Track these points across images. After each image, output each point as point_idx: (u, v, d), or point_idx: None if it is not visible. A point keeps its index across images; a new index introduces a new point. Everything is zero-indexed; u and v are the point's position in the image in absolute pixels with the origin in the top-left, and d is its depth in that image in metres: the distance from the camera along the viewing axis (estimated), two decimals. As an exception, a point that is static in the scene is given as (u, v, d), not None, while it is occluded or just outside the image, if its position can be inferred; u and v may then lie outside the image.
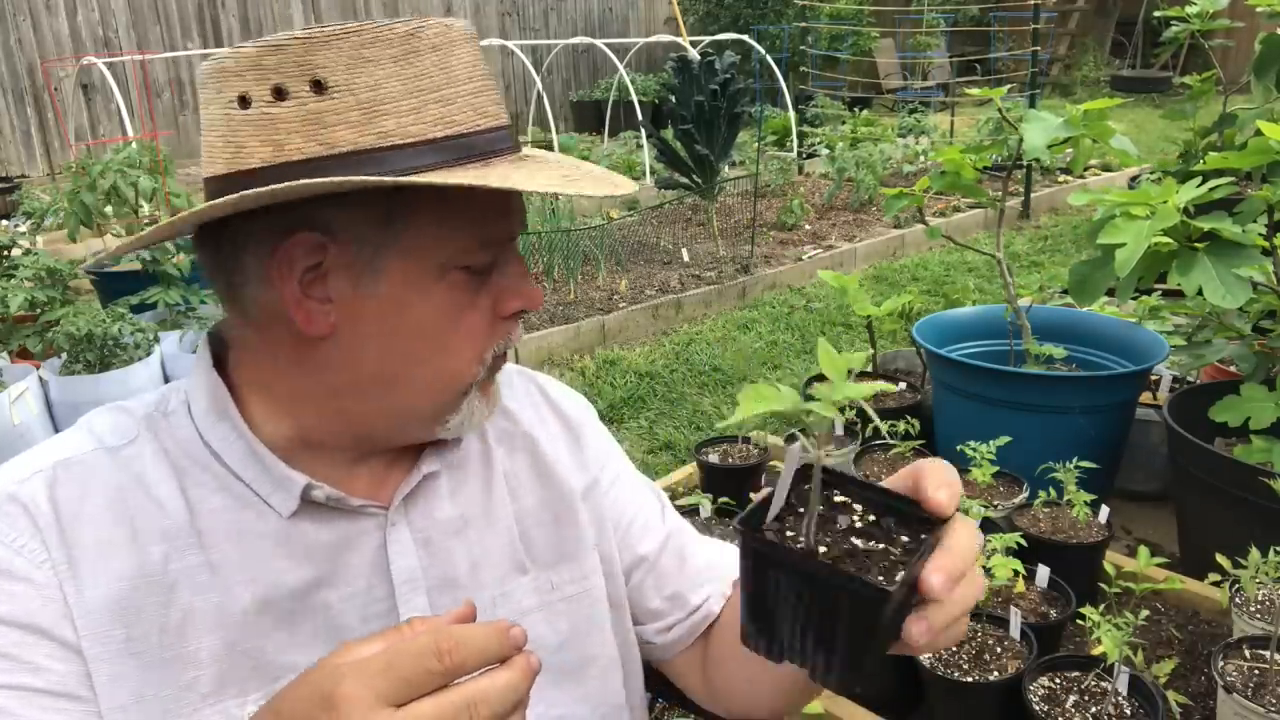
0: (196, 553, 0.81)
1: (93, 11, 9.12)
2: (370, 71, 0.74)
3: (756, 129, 7.80)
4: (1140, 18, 11.96)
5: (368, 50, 0.75)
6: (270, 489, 0.83)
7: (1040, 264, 5.81)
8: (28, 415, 3.54)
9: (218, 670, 0.80)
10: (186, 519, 0.81)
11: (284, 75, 0.74)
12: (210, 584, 0.80)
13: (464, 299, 0.82)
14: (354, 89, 0.74)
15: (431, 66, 0.77)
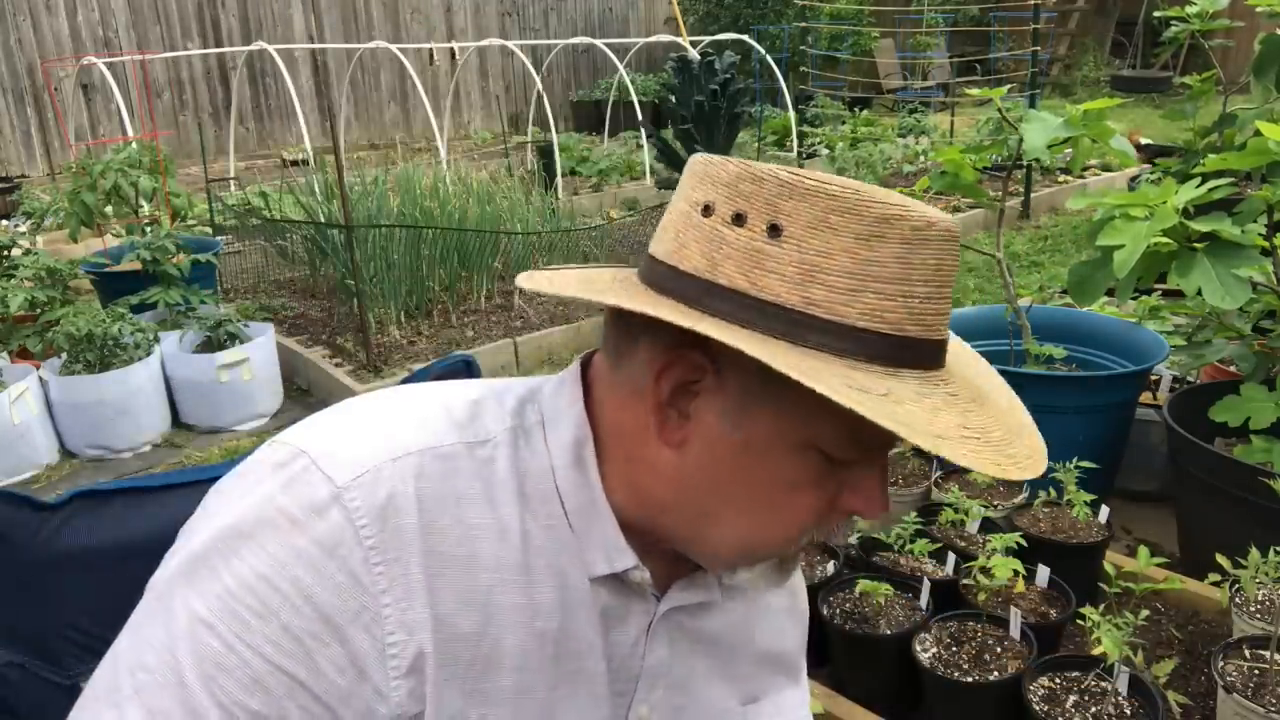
0: (521, 591, 0.79)
1: (93, 11, 9.12)
2: (828, 238, 0.72)
3: (756, 129, 7.80)
4: (1140, 18, 11.96)
5: (835, 217, 0.72)
6: (593, 547, 0.81)
7: (1040, 264, 5.81)
8: (28, 415, 3.54)
9: (506, 712, 0.78)
10: (520, 552, 0.79)
11: (751, 206, 0.73)
12: (525, 625, 0.79)
13: (811, 478, 0.78)
14: (803, 247, 0.72)
15: (890, 258, 0.72)
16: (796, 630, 1.06)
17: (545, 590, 0.80)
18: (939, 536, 2.26)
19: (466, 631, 0.77)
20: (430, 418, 0.81)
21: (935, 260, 0.74)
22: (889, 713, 1.89)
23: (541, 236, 5.51)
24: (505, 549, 0.79)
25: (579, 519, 0.81)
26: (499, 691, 0.78)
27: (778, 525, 0.79)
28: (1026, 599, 2.07)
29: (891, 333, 0.73)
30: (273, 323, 4.51)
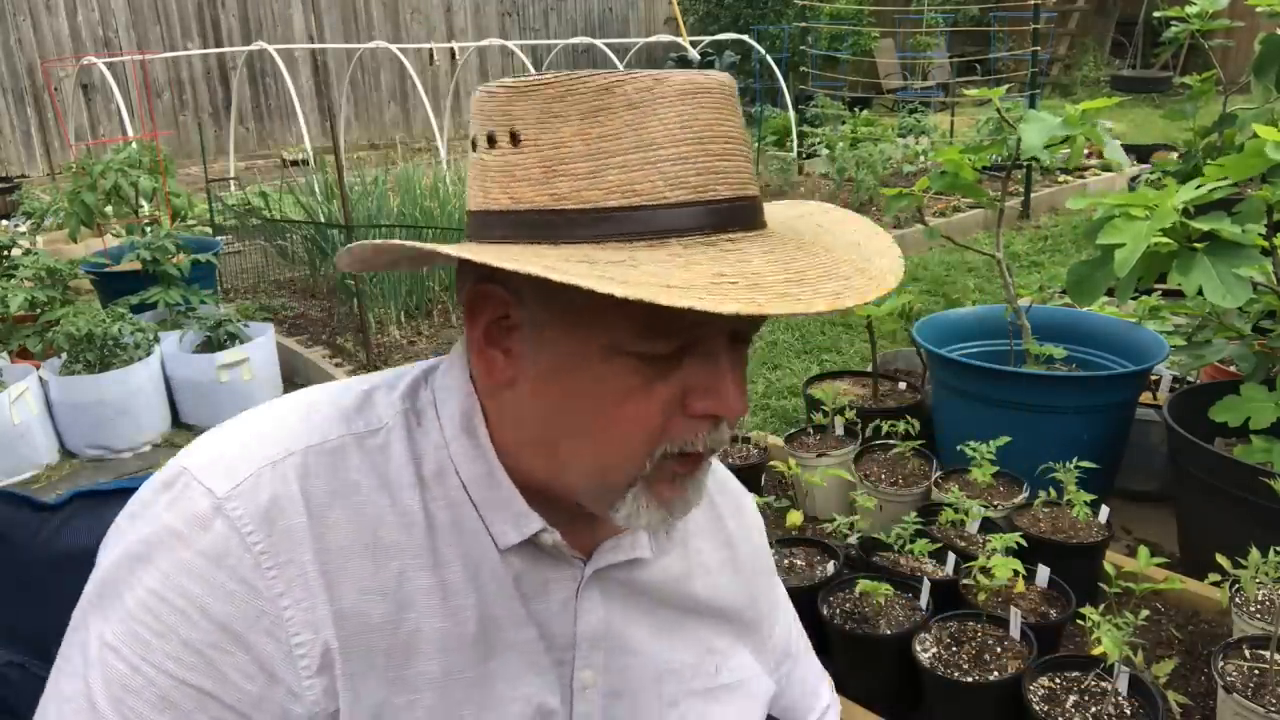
0: (431, 573, 0.78)
1: (93, 11, 9.12)
2: (556, 128, 0.70)
3: (756, 129, 7.80)
4: (1140, 18, 11.96)
5: (557, 105, 0.70)
6: (498, 518, 0.80)
7: (1040, 264, 5.81)
8: (28, 415, 3.54)
9: (435, 697, 0.78)
10: (425, 535, 0.78)
11: (494, 123, 0.72)
12: (440, 608, 0.78)
13: (636, 384, 0.74)
14: (540, 144, 0.71)
15: (623, 127, 0.69)
16: (741, 586, 1.02)
17: (456, 569, 0.79)
18: (939, 536, 2.26)
19: (379, 621, 0.76)
20: (317, 415, 0.81)
21: (682, 119, 0.70)
22: (889, 713, 1.89)
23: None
24: (408, 534, 0.78)
25: (478, 489, 0.81)
26: (423, 676, 0.78)
27: (619, 443, 0.76)
28: (1026, 599, 2.07)
29: (650, 204, 0.69)
30: (273, 323, 4.51)
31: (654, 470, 0.77)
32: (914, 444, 2.57)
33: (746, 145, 0.75)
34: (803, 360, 4.49)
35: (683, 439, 0.76)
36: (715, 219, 0.71)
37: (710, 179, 0.71)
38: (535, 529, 0.80)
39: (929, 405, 2.91)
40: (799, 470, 2.54)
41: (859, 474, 2.61)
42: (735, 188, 0.73)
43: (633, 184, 0.69)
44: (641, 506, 0.78)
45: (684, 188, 0.70)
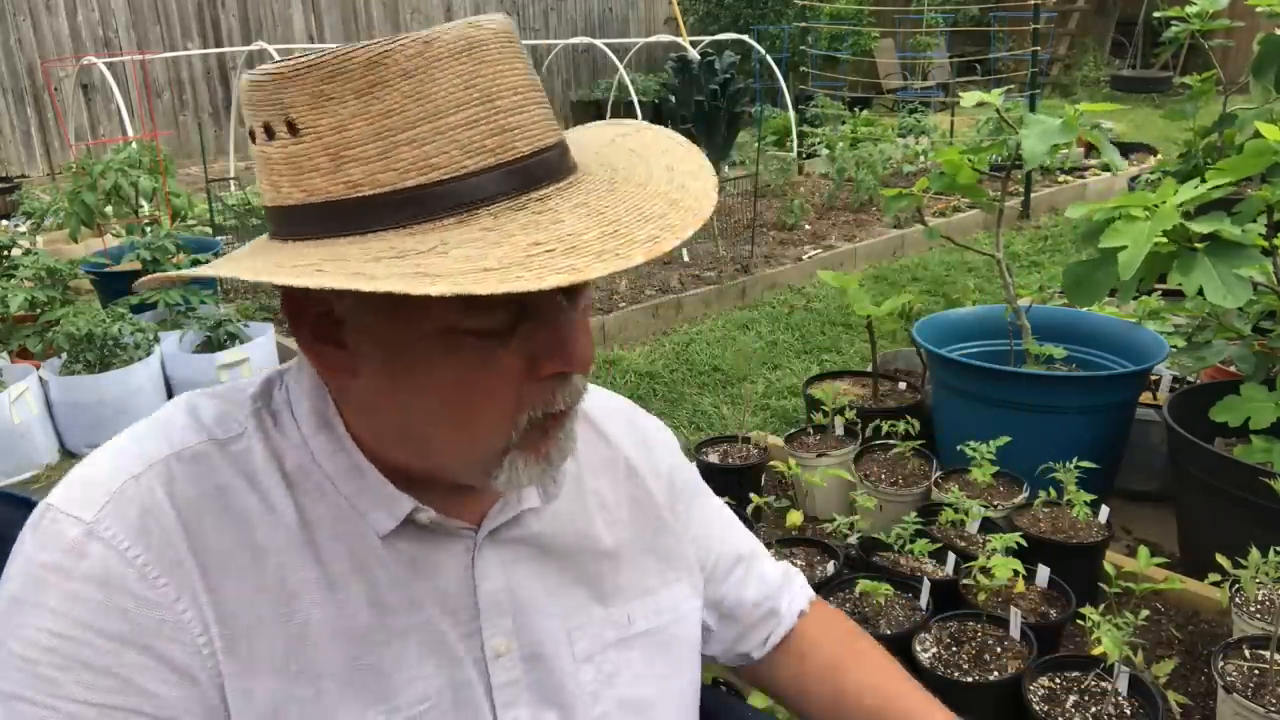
0: (314, 566, 0.78)
1: (93, 11, 9.12)
2: (334, 111, 0.66)
3: (756, 129, 7.80)
4: (1140, 18, 11.95)
5: (329, 86, 0.66)
6: (369, 506, 0.80)
7: (1040, 264, 5.81)
8: (28, 415, 3.54)
9: (338, 685, 0.78)
10: (301, 530, 0.78)
11: (269, 114, 0.69)
12: (328, 599, 0.78)
13: (475, 363, 0.72)
14: (320, 131, 0.67)
15: (404, 100, 0.66)
16: (651, 516, 1.00)
17: (338, 561, 0.79)
18: (939, 536, 2.26)
19: (268, 616, 0.76)
20: (173, 426, 0.80)
21: (464, 79, 0.67)
22: (889, 713, 1.89)
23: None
24: (283, 530, 0.78)
25: (345, 483, 0.80)
26: (324, 666, 0.78)
27: (477, 424, 0.75)
28: (1026, 599, 2.07)
29: (450, 176, 0.66)
30: (273, 322, 4.51)
31: (522, 436, 0.76)
32: (914, 444, 2.57)
33: (537, 90, 0.72)
34: (803, 360, 4.49)
35: (541, 403, 0.75)
36: (521, 179, 0.68)
37: (507, 137, 0.68)
38: (408, 510, 0.80)
39: (929, 405, 2.91)
40: (799, 470, 2.54)
41: (859, 474, 2.61)
42: (535, 140, 0.70)
43: (428, 158, 0.66)
44: (520, 468, 0.77)
45: (482, 153, 0.67)
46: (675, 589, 1.00)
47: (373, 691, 0.79)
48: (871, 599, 2.01)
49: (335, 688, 0.78)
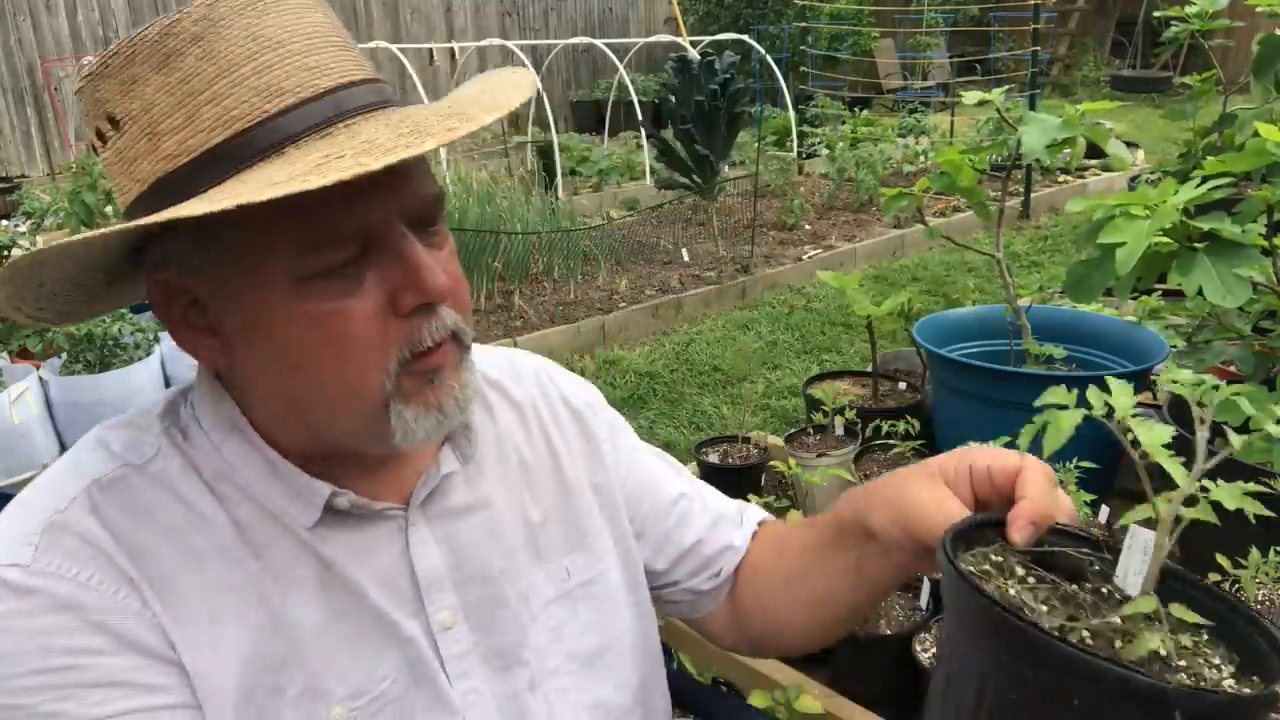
0: (253, 562, 0.79)
1: (93, 11, 9.13)
2: (140, 92, 0.69)
3: (756, 129, 7.80)
4: (1140, 18, 11.96)
5: (131, 70, 0.69)
6: (288, 501, 0.81)
7: (1040, 264, 5.82)
8: (28, 415, 3.54)
9: (298, 673, 0.79)
10: (233, 532, 0.79)
11: (95, 118, 0.71)
12: (271, 590, 0.79)
13: (330, 308, 0.72)
14: (134, 116, 0.69)
15: (199, 63, 0.68)
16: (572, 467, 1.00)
17: (275, 554, 0.80)
18: (939, 536, 2.26)
19: (220, 616, 0.77)
20: (86, 459, 0.80)
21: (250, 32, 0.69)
22: (889, 713, 1.89)
23: (541, 236, 5.52)
24: (217, 534, 0.79)
25: (262, 482, 0.81)
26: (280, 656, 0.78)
27: (347, 371, 0.75)
28: (1026, 599, 2.07)
29: (251, 123, 0.68)
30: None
31: (401, 382, 0.76)
32: (914, 444, 2.57)
33: (338, 34, 0.74)
34: (803, 360, 4.49)
35: (407, 340, 0.75)
36: (326, 112, 0.70)
37: (306, 76, 0.70)
38: (325, 495, 0.81)
39: (929, 405, 2.91)
40: (799, 470, 2.54)
41: (859, 474, 2.61)
42: (339, 76, 0.72)
43: (228, 112, 0.68)
44: (410, 421, 0.77)
45: (281, 94, 0.69)
46: (603, 537, 1.00)
47: (332, 677, 0.80)
48: (871, 599, 2.01)
49: (297, 677, 0.79)
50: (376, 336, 0.74)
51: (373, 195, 0.71)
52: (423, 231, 0.77)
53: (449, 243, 0.80)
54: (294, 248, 0.70)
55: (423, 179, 0.76)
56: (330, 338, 0.73)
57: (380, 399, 0.76)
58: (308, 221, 0.69)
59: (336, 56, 0.72)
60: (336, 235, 0.71)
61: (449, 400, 0.79)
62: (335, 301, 0.72)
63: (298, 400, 0.78)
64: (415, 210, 0.75)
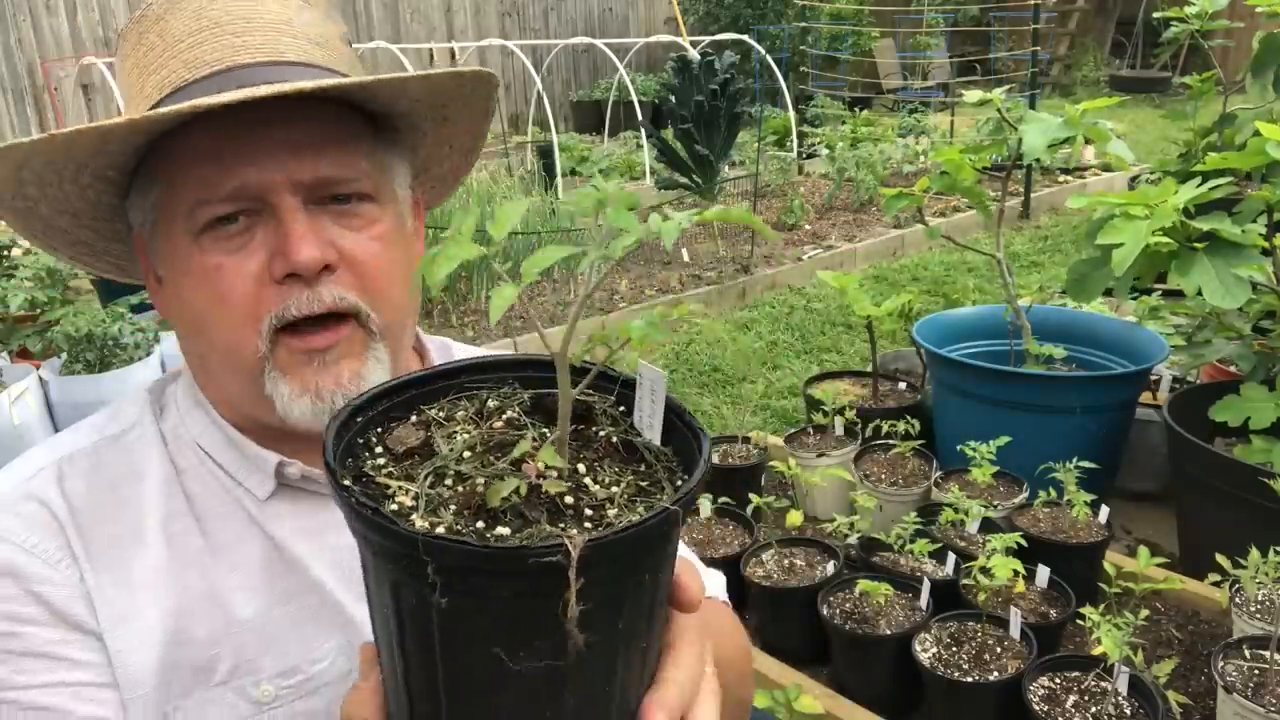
0: (198, 537, 0.82)
1: (93, 11, 9.12)
2: (124, 69, 0.81)
3: (756, 129, 7.79)
4: (1140, 18, 11.95)
5: (121, 48, 0.81)
6: (246, 472, 0.85)
7: (1040, 264, 5.81)
8: (28, 415, 3.54)
9: (231, 650, 0.80)
10: (186, 506, 0.83)
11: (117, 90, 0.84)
12: (213, 566, 0.82)
13: (216, 262, 0.78)
14: (123, 91, 0.81)
15: (155, 39, 0.79)
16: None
17: (221, 531, 0.83)
18: (939, 536, 2.26)
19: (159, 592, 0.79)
20: (69, 433, 0.87)
21: (198, 12, 0.79)
22: (889, 713, 1.89)
23: (541, 236, 5.51)
24: (170, 504, 0.83)
25: (221, 454, 0.85)
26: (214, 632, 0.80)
27: (222, 322, 0.79)
28: (1026, 599, 2.06)
29: (176, 87, 0.78)
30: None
31: (275, 350, 0.79)
32: (914, 444, 2.56)
33: (284, 24, 0.82)
34: (803, 360, 4.49)
35: (277, 306, 0.78)
36: (230, 84, 0.77)
37: (227, 53, 0.78)
38: (274, 464, 0.84)
39: (929, 405, 2.91)
40: (799, 470, 2.54)
41: (859, 474, 2.61)
42: (262, 55, 0.79)
43: (165, 79, 0.78)
44: (286, 395, 0.80)
45: (202, 66, 0.78)
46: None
47: (265, 655, 0.81)
48: (871, 599, 2.01)
49: (226, 655, 0.80)
50: (250, 296, 0.79)
51: (254, 160, 0.77)
52: (329, 209, 0.81)
53: (377, 227, 0.83)
54: (188, 204, 0.78)
55: (329, 158, 0.80)
56: (212, 291, 0.79)
57: (256, 362, 0.80)
58: (197, 180, 0.77)
59: (270, 39, 0.80)
60: (214, 193, 0.77)
61: (330, 384, 0.80)
62: (219, 258, 0.79)
63: (203, 358, 0.84)
64: (308, 184, 0.79)
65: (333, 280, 0.79)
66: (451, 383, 0.64)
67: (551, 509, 0.52)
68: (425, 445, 0.58)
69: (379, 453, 0.58)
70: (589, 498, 0.53)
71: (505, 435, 0.58)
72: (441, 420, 0.60)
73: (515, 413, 0.61)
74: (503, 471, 0.54)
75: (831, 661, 2.09)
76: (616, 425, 0.61)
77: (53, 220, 0.82)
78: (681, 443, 0.59)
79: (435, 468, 0.55)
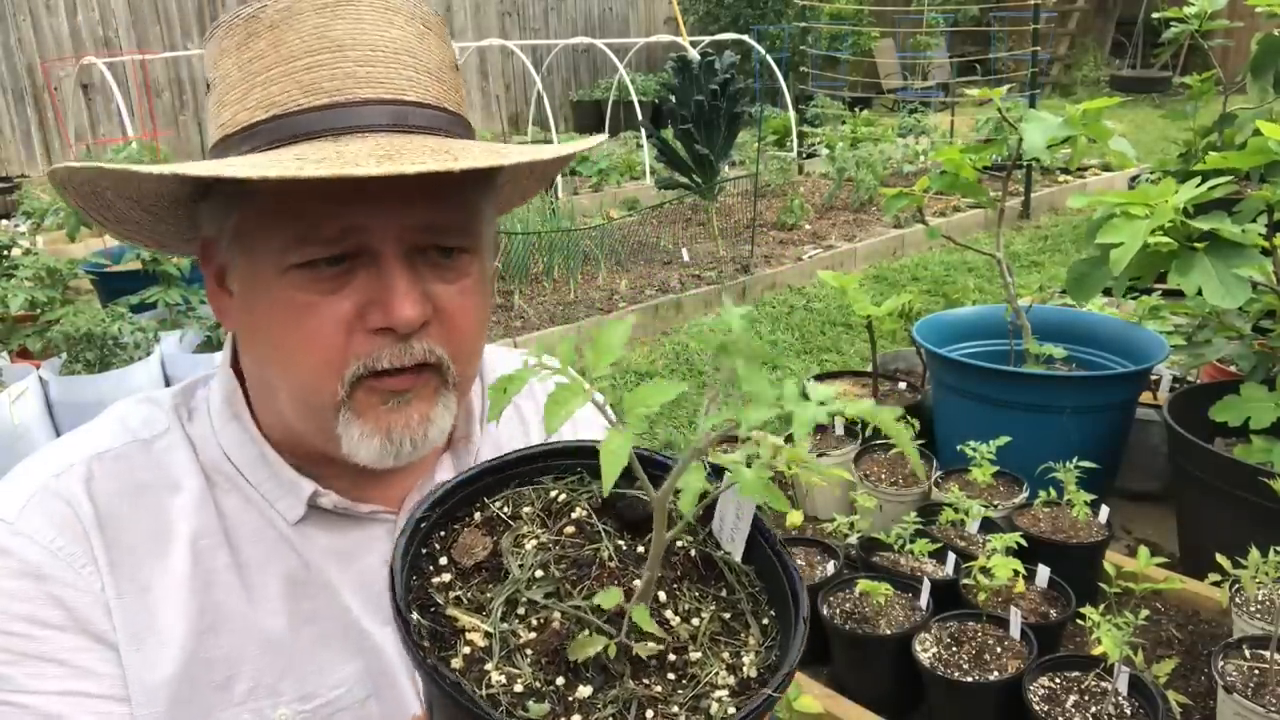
0: (225, 553, 0.81)
1: (93, 11, 9.12)
2: (222, 64, 0.76)
3: (756, 129, 7.79)
4: (1140, 18, 11.95)
5: (224, 42, 0.76)
6: (278, 495, 0.83)
7: (1040, 264, 5.81)
8: (28, 415, 3.53)
9: (250, 671, 0.79)
10: (215, 520, 0.81)
11: (208, 72, 0.79)
12: (238, 584, 0.80)
13: (306, 302, 0.75)
14: (215, 84, 0.77)
15: (266, 47, 0.74)
16: None
17: (249, 547, 0.82)
18: (939, 536, 2.26)
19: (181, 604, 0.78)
20: (99, 428, 0.84)
21: (318, 31, 0.73)
22: (889, 713, 1.89)
23: (541, 236, 5.51)
24: (200, 518, 0.81)
25: (253, 471, 0.83)
26: (236, 650, 0.79)
27: (304, 363, 0.76)
28: (1026, 599, 2.06)
29: (285, 112, 0.72)
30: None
31: (354, 393, 0.77)
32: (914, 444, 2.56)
33: (410, 55, 0.76)
34: (803, 360, 4.49)
35: (367, 356, 0.76)
36: (351, 120, 0.72)
37: (348, 82, 0.73)
38: (309, 493, 0.82)
39: (929, 405, 2.91)
40: (799, 470, 2.53)
41: (859, 474, 2.61)
42: (383, 91, 0.74)
43: (271, 97, 0.73)
44: (356, 435, 0.78)
45: (319, 92, 0.72)
46: None
47: (284, 677, 0.81)
48: (871, 599, 2.01)
49: (246, 674, 0.79)
50: (339, 341, 0.76)
51: (366, 205, 0.73)
52: (430, 259, 0.77)
53: (466, 280, 0.80)
54: (284, 236, 0.74)
55: (439, 209, 0.76)
56: (298, 329, 0.76)
57: (333, 404, 0.77)
58: (298, 214, 0.73)
59: (393, 72, 0.74)
60: (319, 234, 0.74)
61: (400, 426, 0.78)
62: (311, 296, 0.75)
63: (269, 385, 0.81)
64: (417, 235, 0.76)
65: (424, 335, 0.77)
66: (515, 471, 0.61)
67: (635, 659, 0.48)
68: (494, 555, 0.54)
69: (444, 565, 0.54)
70: (671, 638, 0.49)
71: (579, 545, 0.54)
72: (507, 519, 0.56)
73: (584, 511, 0.57)
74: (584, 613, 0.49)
75: (831, 661, 2.09)
76: (694, 535, 0.56)
77: (113, 204, 0.79)
78: (765, 568, 0.54)
79: (507, 596, 0.51)
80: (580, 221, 6.39)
